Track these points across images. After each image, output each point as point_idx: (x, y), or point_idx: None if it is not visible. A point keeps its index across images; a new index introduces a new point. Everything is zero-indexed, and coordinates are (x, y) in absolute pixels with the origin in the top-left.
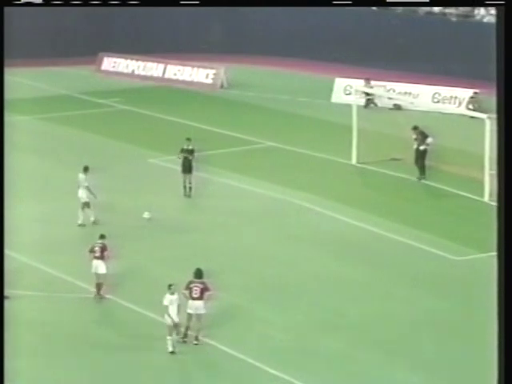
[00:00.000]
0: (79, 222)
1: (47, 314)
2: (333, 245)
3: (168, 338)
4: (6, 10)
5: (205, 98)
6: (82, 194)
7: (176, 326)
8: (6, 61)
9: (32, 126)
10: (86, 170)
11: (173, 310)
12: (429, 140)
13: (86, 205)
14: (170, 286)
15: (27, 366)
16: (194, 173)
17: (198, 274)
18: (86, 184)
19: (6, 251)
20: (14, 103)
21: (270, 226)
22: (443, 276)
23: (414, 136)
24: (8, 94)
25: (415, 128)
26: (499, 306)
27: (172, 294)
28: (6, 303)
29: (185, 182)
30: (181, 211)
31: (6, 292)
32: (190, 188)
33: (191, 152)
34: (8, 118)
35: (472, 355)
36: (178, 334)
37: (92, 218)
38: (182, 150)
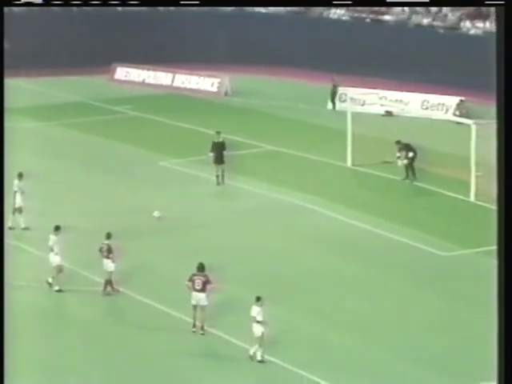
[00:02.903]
0: (22, 226)
1: (59, 306)
2: (329, 242)
3: (254, 347)
4: (23, 18)
5: (210, 105)
6: (17, 199)
7: (262, 336)
8: (25, 71)
9: (49, 132)
10: (20, 176)
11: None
12: (410, 154)
13: (19, 210)
14: (258, 298)
15: (35, 357)
16: (201, 173)
17: (201, 267)
18: (16, 189)
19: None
20: (33, 110)
21: (269, 224)
22: (431, 270)
23: (398, 154)
24: (26, 102)
25: (398, 142)
26: (499, 302)
27: (259, 306)
28: (19, 293)
29: (217, 171)
30: (188, 210)
31: (21, 283)
32: (223, 176)
33: (222, 144)
34: (26, 124)
35: (460, 347)
36: (261, 345)
37: (22, 224)
38: (214, 144)
